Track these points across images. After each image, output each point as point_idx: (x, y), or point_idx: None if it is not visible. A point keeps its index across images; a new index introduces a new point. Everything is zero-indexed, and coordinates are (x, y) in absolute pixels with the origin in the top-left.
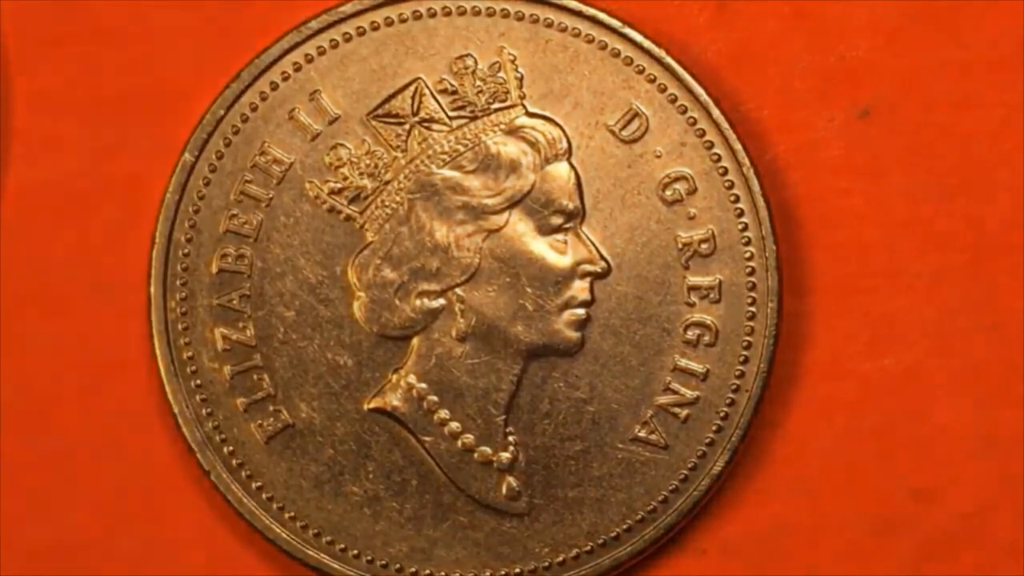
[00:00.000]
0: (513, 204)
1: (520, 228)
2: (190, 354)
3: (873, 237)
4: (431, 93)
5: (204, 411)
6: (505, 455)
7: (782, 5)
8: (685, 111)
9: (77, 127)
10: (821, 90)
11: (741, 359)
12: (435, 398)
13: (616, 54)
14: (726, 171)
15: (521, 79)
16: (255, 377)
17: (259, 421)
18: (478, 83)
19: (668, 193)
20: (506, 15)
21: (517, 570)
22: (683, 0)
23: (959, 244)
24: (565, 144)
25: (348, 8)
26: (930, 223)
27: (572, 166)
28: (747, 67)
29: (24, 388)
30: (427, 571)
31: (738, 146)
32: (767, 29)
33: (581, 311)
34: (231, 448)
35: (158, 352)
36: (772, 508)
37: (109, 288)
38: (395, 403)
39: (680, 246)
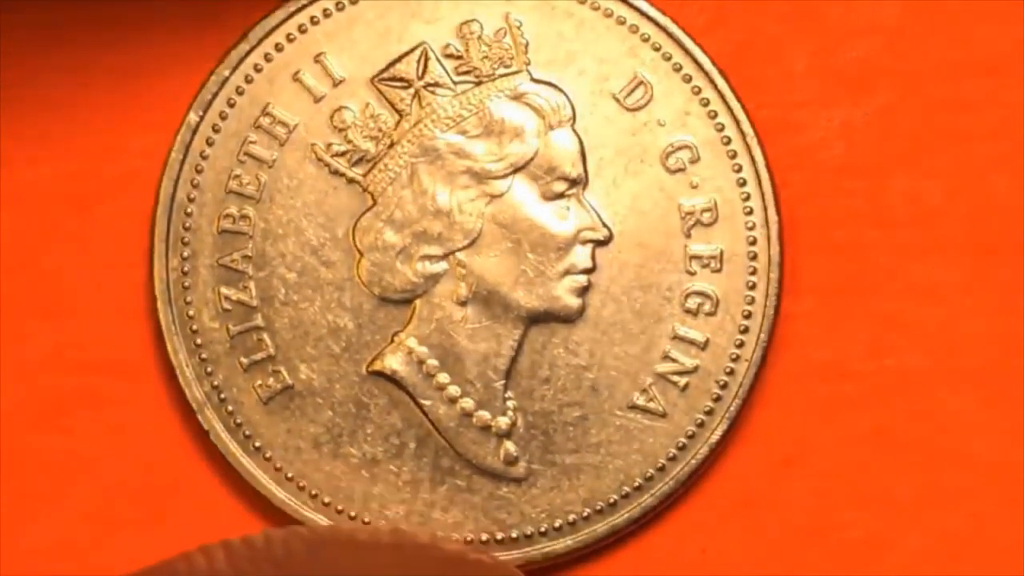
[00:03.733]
0: (516, 170)
1: (523, 194)
2: (191, 313)
3: (873, 237)
4: (436, 58)
5: (204, 370)
6: (504, 420)
7: (782, 5)
8: (689, 80)
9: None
10: (821, 90)
11: (741, 328)
12: (435, 362)
13: (622, 22)
14: (729, 140)
15: (526, 45)
16: (255, 337)
17: (259, 381)
18: (483, 48)
19: (671, 162)
20: None
21: (514, 534)
22: (683, 0)
23: (959, 244)
24: (569, 111)
25: None
26: (930, 223)
27: (576, 133)
28: (747, 67)
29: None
30: None
31: (742, 116)
32: (767, 29)
33: (582, 278)
34: (230, 408)
35: (159, 310)
36: (766, 507)
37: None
38: (395, 366)
39: (682, 215)
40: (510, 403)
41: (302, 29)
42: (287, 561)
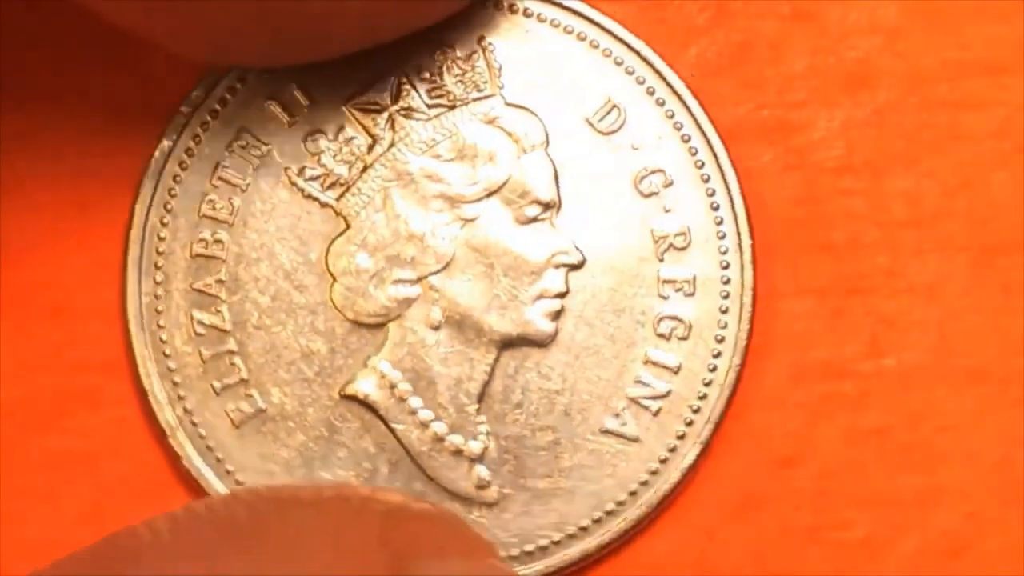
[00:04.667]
0: (489, 194)
1: (496, 218)
2: (164, 337)
3: (873, 237)
4: (410, 82)
5: (177, 394)
6: (476, 444)
7: (782, 5)
8: (663, 104)
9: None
10: (821, 90)
11: (714, 353)
12: (407, 386)
13: (595, 45)
14: (703, 164)
15: (499, 69)
16: (228, 361)
17: (231, 405)
18: (457, 73)
19: (644, 185)
20: (485, 4)
21: None
22: (683, 0)
23: (959, 244)
24: (542, 135)
25: None
26: (930, 223)
27: (549, 157)
28: (747, 67)
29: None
30: None
31: (715, 139)
32: (767, 29)
33: (555, 302)
34: (203, 432)
35: (132, 334)
36: (766, 507)
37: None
38: (367, 390)
39: (655, 239)
40: (482, 427)
41: None
42: (230, 525)
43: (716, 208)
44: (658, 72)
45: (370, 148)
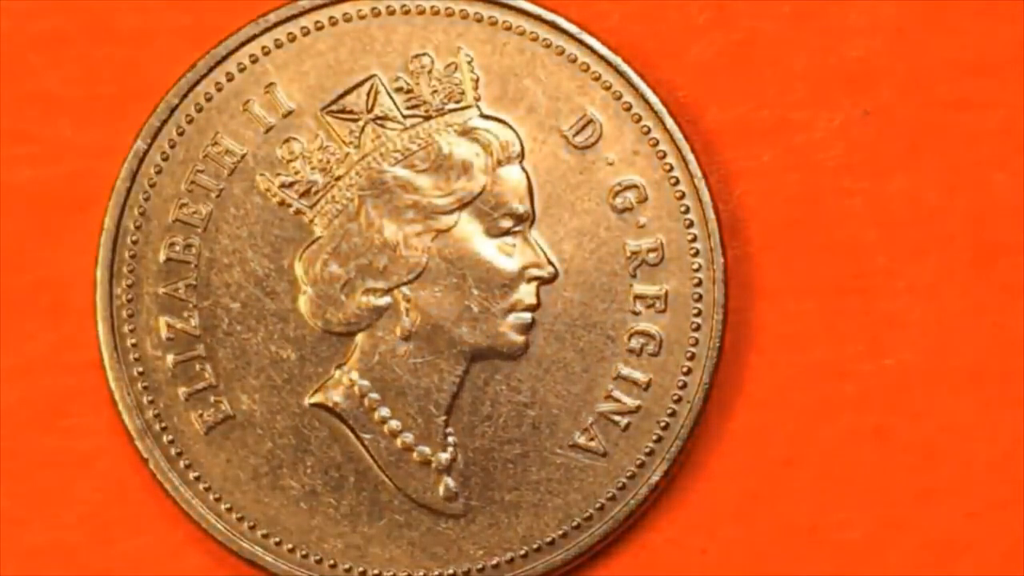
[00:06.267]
0: (463, 205)
1: (469, 229)
2: (134, 341)
3: (873, 237)
4: (386, 91)
5: (145, 399)
6: (444, 456)
7: (782, 5)
8: (639, 120)
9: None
10: (821, 90)
11: (684, 370)
12: (376, 396)
13: (573, 60)
14: (677, 181)
15: (477, 81)
16: (197, 367)
17: (200, 411)
18: (433, 83)
19: (619, 201)
20: (465, 16)
21: (451, 571)
22: (683, 0)
23: (959, 244)
24: (518, 148)
25: (307, 3)
26: (930, 223)
27: (524, 170)
28: (747, 67)
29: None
30: (361, 568)
31: (690, 156)
32: (767, 29)
33: (526, 315)
34: (171, 437)
35: (101, 338)
36: (766, 507)
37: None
38: (336, 399)
39: (628, 254)
40: (451, 439)
41: (253, 59)
42: None
43: (690, 225)
44: (635, 88)
45: (345, 156)
